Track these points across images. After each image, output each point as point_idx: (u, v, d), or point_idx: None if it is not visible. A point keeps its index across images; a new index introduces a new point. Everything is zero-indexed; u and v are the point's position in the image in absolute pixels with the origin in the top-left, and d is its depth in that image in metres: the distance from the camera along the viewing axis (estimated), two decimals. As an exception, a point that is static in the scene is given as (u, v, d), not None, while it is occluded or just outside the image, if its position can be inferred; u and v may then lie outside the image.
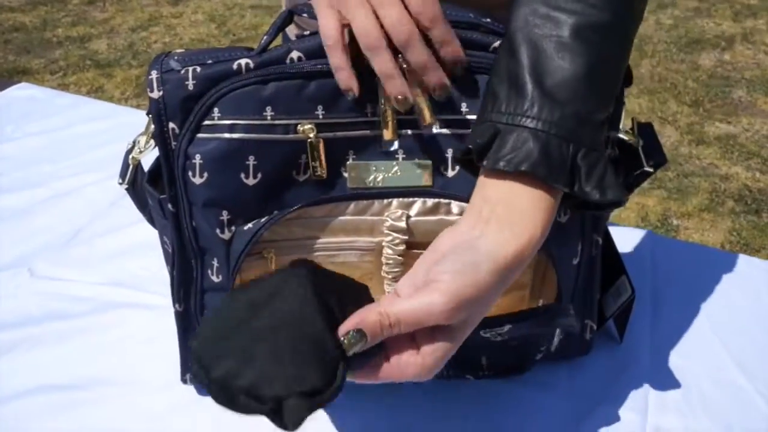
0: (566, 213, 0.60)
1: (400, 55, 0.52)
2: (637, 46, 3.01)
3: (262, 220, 0.57)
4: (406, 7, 0.51)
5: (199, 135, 0.55)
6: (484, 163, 0.50)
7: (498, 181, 0.50)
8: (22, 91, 1.21)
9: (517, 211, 0.49)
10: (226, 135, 0.55)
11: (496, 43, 0.55)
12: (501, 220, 0.48)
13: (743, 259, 0.85)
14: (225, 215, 0.57)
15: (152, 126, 0.57)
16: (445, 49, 0.53)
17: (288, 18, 0.57)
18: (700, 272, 0.81)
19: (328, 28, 0.52)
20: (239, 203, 0.57)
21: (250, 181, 0.56)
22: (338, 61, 0.53)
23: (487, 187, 0.50)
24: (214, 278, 0.61)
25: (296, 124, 0.55)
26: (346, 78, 0.53)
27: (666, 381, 0.68)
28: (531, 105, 0.50)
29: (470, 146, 0.51)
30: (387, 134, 0.56)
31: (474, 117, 0.56)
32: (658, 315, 0.75)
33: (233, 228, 0.58)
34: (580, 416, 0.65)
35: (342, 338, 0.46)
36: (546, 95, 0.50)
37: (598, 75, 0.51)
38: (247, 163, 0.56)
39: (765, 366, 0.70)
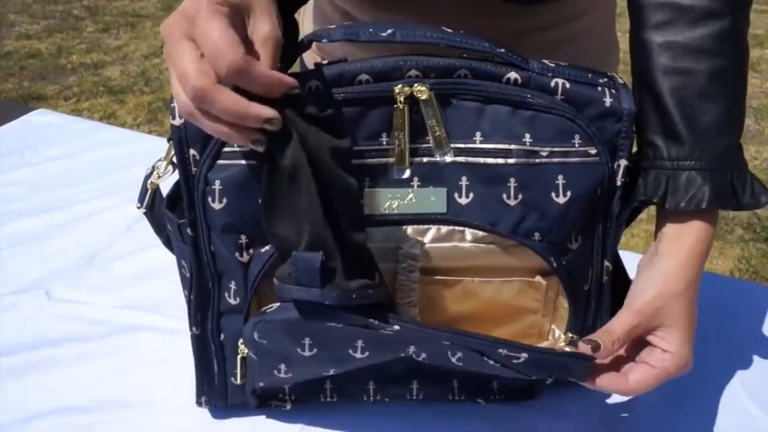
0: (577, 240, 0.61)
1: None
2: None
3: None
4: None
5: (219, 161, 0.56)
6: (667, 206, 0.59)
7: (674, 218, 0.60)
8: (40, 117, 1.23)
9: (684, 245, 0.60)
10: (245, 161, 0.56)
11: (510, 74, 0.56)
12: (669, 254, 0.60)
13: (753, 287, 0.85)
14: (243, 239, 0.58)
15: (173, 152, 0.58)
16: (268, 90, 0.48)
17: (307, 45, 0.58)
18: (711, 299, 0.81)
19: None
20: (257, 227, 0.57)
21: None
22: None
23: (667, 225, 0.61)
24: (231, 301, 0.61)
25: None
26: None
27: (677, 408, 0.68)
28: (691, 150, 0.59)
29: (644, 195, 0.60)
30: (399, 162, 0.58)
31: (487, 146, 0.57)
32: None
33: (251, 251, 0.59)
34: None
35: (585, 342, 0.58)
36: (700, 139, 0.59)
37: (731, 110, 0.60)
38: None
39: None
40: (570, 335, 0.63)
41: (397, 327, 0.53)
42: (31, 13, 3.96)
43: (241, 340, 0.61)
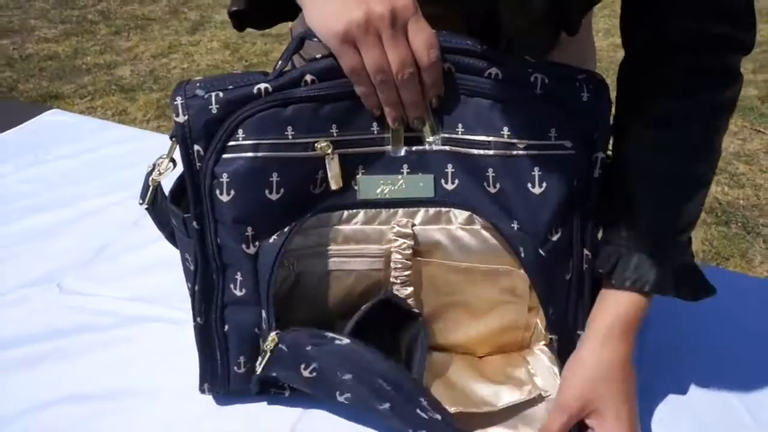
0: (557, 231, 0.58)
1: None
2: (615, 71, 2.99)
3: (285, 230, 0.56)
4: (411, 49, 0.51)
5: (225, 155, 0.54)
6: (613, 281, 0.59)
7: (618, 293, 0.60)
8: (52, 117, 1.20)
9: (604, 324, 0.60)
10: (251, 154, 0.54)
11: (491, 69, 0.54)
12: (589, 336, 0.60)
13: (720, 272, 0.83)
14: (249, 231, 0.56)
15: (175, 148, 0.56)
16: (430, 90, 0.54)
17: (300, 44, 0.56)
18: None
19: (354, 63, 0.51)
20: (263, 218, 0.56)
21: (274, 197, 0.56)
22: (366, 89, 0.53)
23: (608, 299, 0.61)
24: (237, 292, 0.59)
25: (314, 142, 0.55)
26: (375, 103, 0.54)
27: (655, 391, 0.66)
28: (641, 238, 0.58)
29: (600, 268, 0.60)
30: (395, 143, 0.57)
31: (469, 137, 0.56)
32: (646, 327, 0.73)
33: (257, 243, 0.57)
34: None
35: None
36: (657, 229, 0.59)
37: (688, 213, 0.60)
38: (271, 179, 0.55)
39: (744, 372, 0.68)
40: (550, 337, 0.61)
41: (438, 416, 0.56)
42: (49, 18, 3.91)
43: (272, 335, 0.58)
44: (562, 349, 0.62)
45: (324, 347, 0.56)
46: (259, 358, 0.60)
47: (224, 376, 0.63)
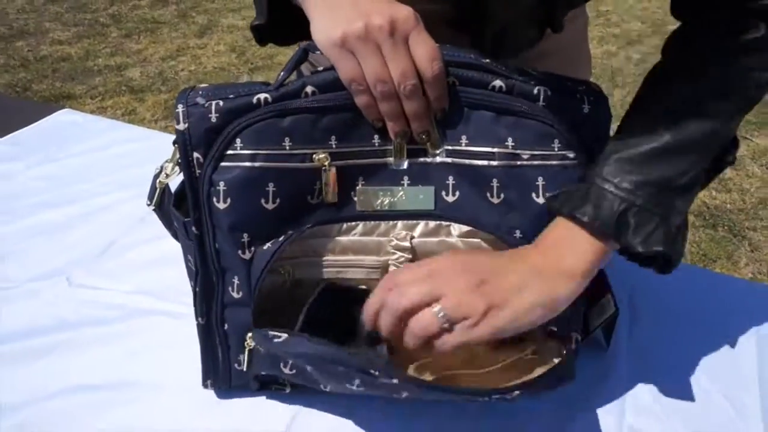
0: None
1: None
2: (609, 78, 3.00)
3: (280, 239, 0.55)
4: (412, 61, 0.50)
5: (223, 163, 0.54)
6: (552, 202, 0.54)
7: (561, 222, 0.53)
8: (64, 116, 1.19)
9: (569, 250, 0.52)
10: (248, 163, 0.53)
11: (495, 82, 0.54)
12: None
13: (709, 274, 0.83)
14: (246, 237, 0.56)
15: (178, 153, 0.55)
16: (435, 103, 0.53)
17: (303, 56, 0.55)
18: (673, 286, 0.79)
19: (353, 73, 0.50)
20: (259, 226, 0.55)
21: (269, 206, 0.55)
22: (367, 100, 0.52)
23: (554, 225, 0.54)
24: (235, 294, 0.59)
25: (312, 154, 0.54)
26: (376, 115, 0.52)
27: (642, 387, 0.66)
28: (603, 166, 0.53)
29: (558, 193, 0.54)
30: (398, 155, 0.56)
31: (473, 148, 0.55)
32: (634, 325, 0.73)
33: (253, 248, 0.56)
34: (563, 421, 0.62)
35: None
36: (619, 162, 0.53)
37: (673, 150, 0.52)
38: (267, 189, 0.54)
39: (728, 370, 0.68)
40: (550, 327, 0.60)
41: (396, 381, 0.50)
42: (63, 22, 3.91)
43: (249, 335, 0.58)
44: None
45: (276, 347, 0.55)
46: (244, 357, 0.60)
47: (226, 373, 0.63)
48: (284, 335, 0.53)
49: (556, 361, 0.56)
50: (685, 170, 0.53)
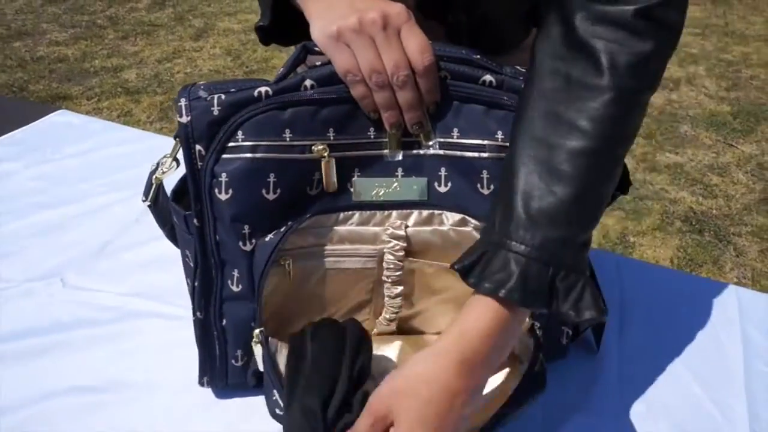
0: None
1: None
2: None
3: (282, 230, 0.56)
4: (405, 53, 0.51)
5: (225, 155, 0.54)
6: (471, 280, 0.49)
7: (480, 298, 0.49)
8: (60, 117, 1.18)
9: (450, 335, 0.48)
10: (249, 155, 0.54)
11: (486, 77, 0.55)
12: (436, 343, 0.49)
13: (695, 279, 0.83)
14: (246, 229, 0.56)
15: (179, 148, 0.55)
16: (427, 95, 0.54)
17: (303, 53, 0.56)
18: (661, 291, 0.79)
19: (348, 64, 0.51)
20: (260, 217, 0.56)
21: (270, 197, 0.55)
22: (362, 92, 0.52)
23: (471, 305, 0.49)
24: (234, 288, 0.59)
25: (311, 145, 0.55)
26: (372, 106, 0.53)
27: (631, 391, 0.66)
28: (516, 228, 0.48)
29: (461, 262, 0.49)
30: (393, 147, 0.56)
31: (464, 140, 0.56)
32: (625, 330, 0.73)
33: (254, 240, 0.56)
34: (555, 423, 0.62)
35: None
36: (531, 219, 0.47)
37: (584, 201, 0.48)
38: (268, 180, 0.55)
39: (716, 374, 0.68)
40: (531, 322, 0.60)
41: None
42: (60, 23, 3.88)
43: (256, 332, 0.58)
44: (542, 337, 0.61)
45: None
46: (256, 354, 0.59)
47: (222, 369, 0.63)
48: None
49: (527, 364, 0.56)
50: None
